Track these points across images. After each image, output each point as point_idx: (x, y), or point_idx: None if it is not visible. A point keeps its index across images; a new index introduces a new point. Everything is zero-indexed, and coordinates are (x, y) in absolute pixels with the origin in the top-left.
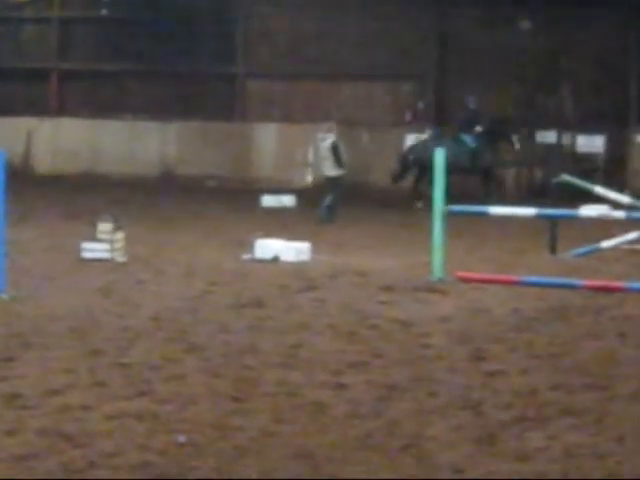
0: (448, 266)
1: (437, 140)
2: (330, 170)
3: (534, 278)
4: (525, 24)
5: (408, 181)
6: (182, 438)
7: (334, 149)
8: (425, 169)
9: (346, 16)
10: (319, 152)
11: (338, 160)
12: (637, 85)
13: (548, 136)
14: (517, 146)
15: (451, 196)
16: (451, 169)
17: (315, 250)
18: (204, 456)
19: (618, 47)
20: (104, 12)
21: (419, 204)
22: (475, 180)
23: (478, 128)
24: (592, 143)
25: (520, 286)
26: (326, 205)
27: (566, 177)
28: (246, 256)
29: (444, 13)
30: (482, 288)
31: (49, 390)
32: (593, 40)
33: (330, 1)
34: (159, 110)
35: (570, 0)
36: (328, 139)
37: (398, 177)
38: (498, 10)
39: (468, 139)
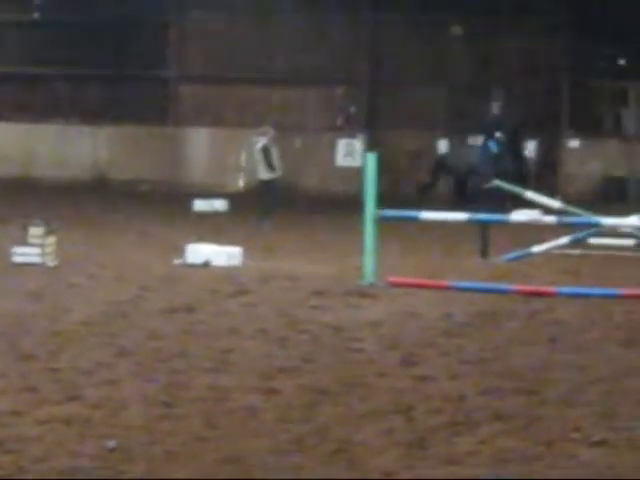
0: (380, 271)
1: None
2: (262, 173)
3: (465, 283)
4: (457, 30)
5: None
6: (112, 443)
7: (264, 152)
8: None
9: (279, 20)
10: (254, 156)
11: (269, 163)
12: (568, 91)
13: (480, 141)
14: (530, 154)
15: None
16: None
17: (246, 255)
18: (134, 461)
19: (550, 53)
20: (36, 15)
21: None
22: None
23: (499, 135)
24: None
25: (451, 291)
26: (262, 209)
27: (497, 182)
28: (178, 261)
29: (377, 18)
30: (413, 293)
31: None
32: (525, 46)
33: (263, 6)
34: (91, 114)
35: (502, 7)
36: (260, 142)
37: (428, 188)
38: (431, 16)
39: (492, 145)
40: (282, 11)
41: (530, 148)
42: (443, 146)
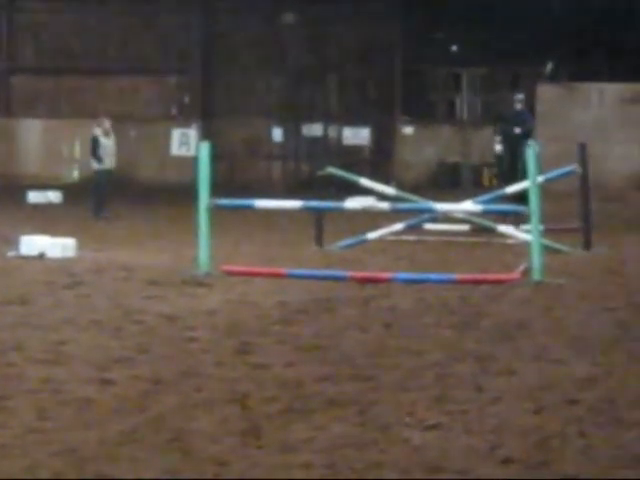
0: (215, 260)
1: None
2: (92, 164)
3: (300, 271)
4: (288, 17)
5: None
6: None
7: (92, 142)
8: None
9: (108, 10)
10: (107, 147)
11: (94, 154)
12: (401, 78)
13: (314, 129)
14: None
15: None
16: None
17: (81, 246)
18: None
19: (382, 40)
20: None
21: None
22: None
23: (517, 130)
24: (358, 135)
25: (287, 279)
26: (93, 201)
27: (331, 169)
28: (11, 253)
29: (208, 7)
30: (249, 281)
31: None
32: (357, 33)
33: None
34: None
35: None
36: (112, 135)
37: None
38: (262, 3)
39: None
40: (110, 0)
41: (364, 135)
42: (277, 134)
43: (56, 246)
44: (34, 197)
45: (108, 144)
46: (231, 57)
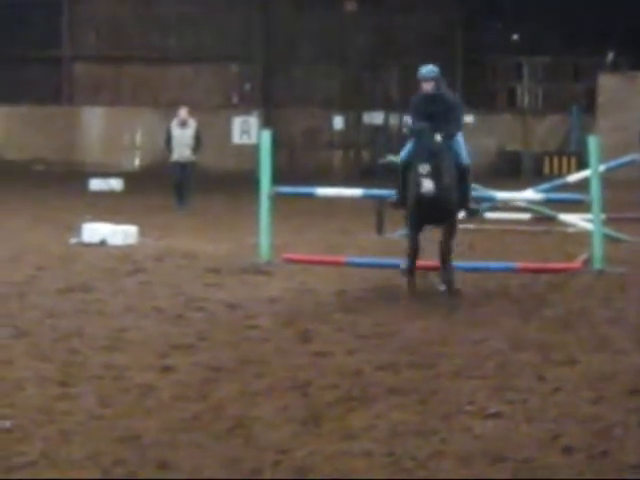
0: (276, 248)
1: None
2: (192, 156)
3: (360, 259)
4: (351, 6)
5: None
6: (8, 423)
7: (165, 133)
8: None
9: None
10: (178, 138)
11: (166, 145)
12: (462, 66)
13: (375, 117)
14: None
15: None
16: None
17: (143, 233)
18: (30, 441)
19: (443, 28)
20: None
21: None
22: None
23: (437, 136)
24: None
25: (346, 267)
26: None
27: (392, 157)
28: (74, 240)
29: None
30: (309, 269)
31: None
32: (418, 21)
33: None
34: None
35: None
36: (191, 126)
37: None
38: None
39: None
40: None
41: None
42: (338, 122)
43: (117, 233)
44: (96, 184)
45: (181, 134)
46: (293, 45)
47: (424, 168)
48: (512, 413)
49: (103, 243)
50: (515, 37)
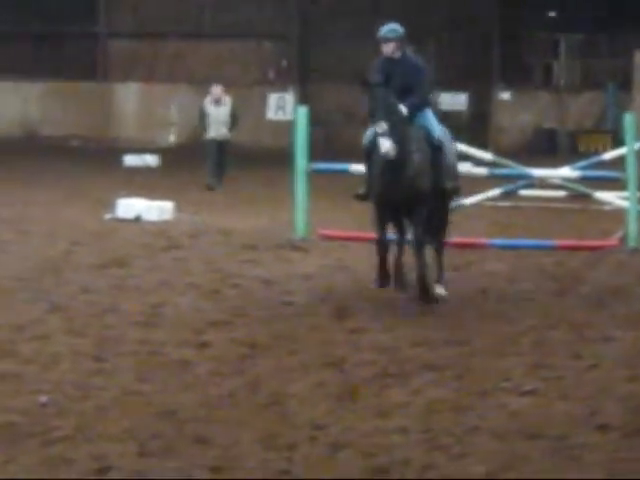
0: (312, 224)
1: None
2: (229, 133)
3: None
4: None
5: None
6: (44, 398)
7: (199, 111)
8: None
9: None
10: (214, 116)
11: (200, 123)
12: (500, 43)
13: None
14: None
15: None
16: None
17: (178, 209)
18: (66, 416)
19: (480, 5)
20: None
21: None
22: None
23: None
24: (456, 101)
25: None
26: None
27: None
28: (109, 216)
29: None
30: (345, 246)
31: None
32: None
33: None
34: (21, 71)
35: None
36: (227, 103)
37: None
38: None
39: None
40: None
41: (461, 101)
42: None
43: (153, 209)
44: (130, 160)
45: (216, 112)
46: (328, 21)
47: (381, 127)
48: (547, 390)
49: (138, 219)
50: (552, 13)
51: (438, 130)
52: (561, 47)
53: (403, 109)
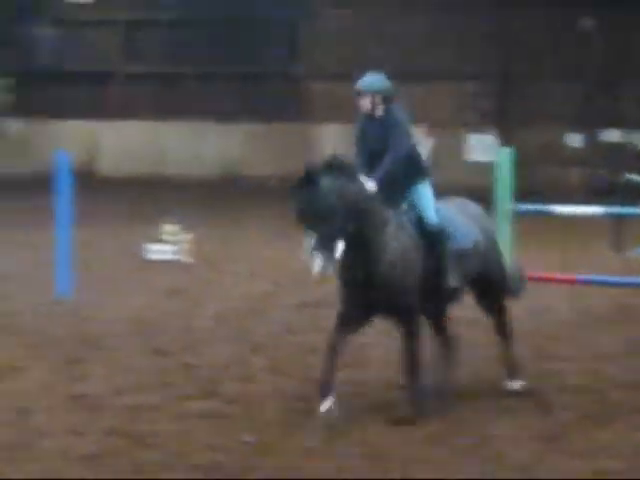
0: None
1: None
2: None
3: (592, 276)
4: (587, 23)
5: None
6: (249, 438)
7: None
8: None
9: (408, 17)
10: None
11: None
12: None
13: (612, 135)
14: None
15: None
16: None
17: None
18: (271, 455)
19: None
20: (169, 15)
21: None
22: None
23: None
24: None
25: (578, 285)
26: None
27: (630, 176)
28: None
29: (506, 14)
30: (542, 286)
31: (116, 390)
32: None
33: (391, 3)
34: (223, 112)
35: (633, 1)
36: (427, 145)
37: None
38: (561, 10)
39: None
40: (413, 5)
41: None
42: (574, 140)
43: None
44: None
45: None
46: (526, 64)
47: (306, 242)
48: None
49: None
50: None
51: (442, 212)
52: None
53: (370, 184)
